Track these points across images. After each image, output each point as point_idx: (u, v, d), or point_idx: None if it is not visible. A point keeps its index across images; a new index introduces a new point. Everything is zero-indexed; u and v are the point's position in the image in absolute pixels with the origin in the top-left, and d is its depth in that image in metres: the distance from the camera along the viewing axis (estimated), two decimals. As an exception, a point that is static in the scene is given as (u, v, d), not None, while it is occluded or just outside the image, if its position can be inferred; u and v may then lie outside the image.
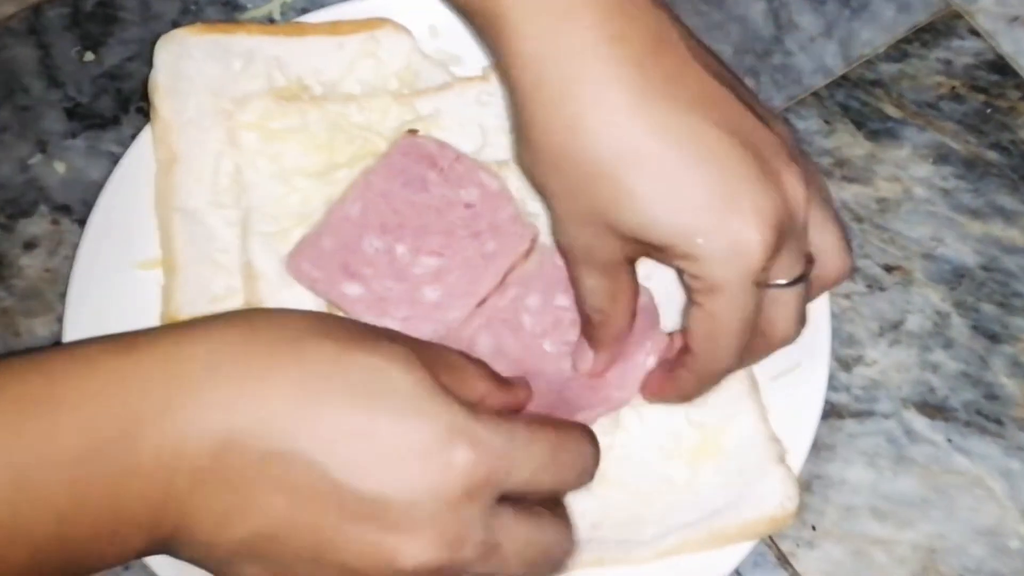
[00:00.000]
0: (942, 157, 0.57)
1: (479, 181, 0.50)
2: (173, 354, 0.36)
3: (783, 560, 0.50)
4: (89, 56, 0.59)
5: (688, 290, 0.41)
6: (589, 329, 0.46)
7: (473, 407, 0.38)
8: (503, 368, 0.47)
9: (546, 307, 0.48)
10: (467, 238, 0.49)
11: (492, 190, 0.50)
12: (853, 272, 0.47)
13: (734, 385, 0.48)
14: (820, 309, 0.50)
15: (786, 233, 0.40)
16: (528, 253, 0.49)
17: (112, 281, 0.51)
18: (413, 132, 0.52)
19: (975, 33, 0.60)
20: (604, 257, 0.42)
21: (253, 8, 0.60)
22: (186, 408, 0.35)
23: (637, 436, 0.48)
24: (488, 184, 0.50)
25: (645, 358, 0.48)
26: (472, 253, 0.49)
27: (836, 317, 0.52)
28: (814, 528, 0.50)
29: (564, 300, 0.48)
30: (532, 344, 0.48)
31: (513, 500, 0.38)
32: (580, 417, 0.46)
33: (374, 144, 0.52)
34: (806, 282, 0.42)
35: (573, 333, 0.48)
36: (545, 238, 0.50)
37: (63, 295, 0.51)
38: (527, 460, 0.38)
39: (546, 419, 0.40)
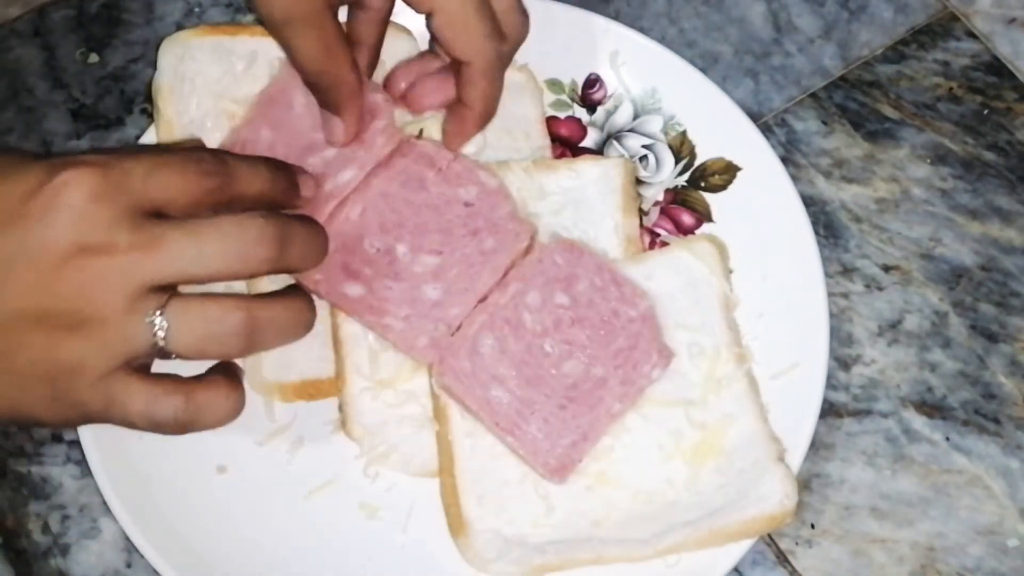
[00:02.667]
0: (940, 158, 0.57)
1: (477, 179, 0.50)
2: None
3: (782, 558, 0.50)
4: (93, 58, 0.59)
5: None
6: (324, 98, 0.48)
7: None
8: (505, 372, 0.47)
9: (546, 305, 0.48)
10: (466, 236, 0.49)
11: (490, 188, 0.50)
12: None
13: (734, 385, 0.49)
14: (818, 309, 0.51)
15: None
16: (527, 250, 0.50)
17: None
18: (419, 135, 0.52)
19: (972, 35, 0.60)
20: (304, 6, 0.45)
21: (256, 10, 0.60)
22: None
23: (638, 436, 0.48)
24: (486, 182, 0.50)
25: (651, 369, 0.48)
26: (471, 251, 0.49)
27: (835, 317, 0.53)
28: (813, 527, 0.50)
29: (563, 298, 0.49)
30: (533, 344, 0.48)
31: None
32: (585, 427, 0.47)
33: (375, 145, 0.52)
34: None
35: (574, 333, 0.48)
36: (544, 236, 0.51)
37: (67, 295, 0.51)
38: (138, 165, 0.40)
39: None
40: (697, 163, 0.55)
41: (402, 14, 0.56)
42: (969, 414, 0.52)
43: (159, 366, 0.42)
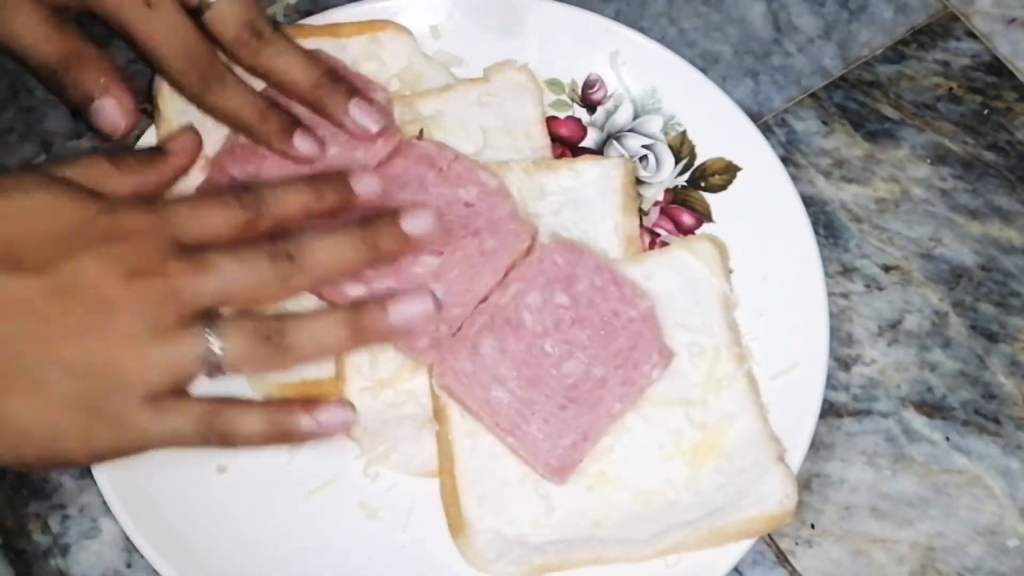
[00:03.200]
0: (940, 158, 0.57)
1: (478, 180, 0.50)
2: None
3: (782, 558, 0.50)
4: (93, 58, 0.59)
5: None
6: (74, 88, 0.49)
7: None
8: (506, 372, 0.47)
9: (546, 305, 0.48)
10: (466, 236, 0.49)
11: (491, 188, 0.50)
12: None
13: (734, 385, 0.49)
14: (818, 309, 0.51)
15: None
16: (528, 250, 0.50)
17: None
18: (419, 136, 0.52)
19: (972, 35, 0.60)
20: (32, 21, 0.47)
21: (256, 10, 0.60)
22: None
23: (638, 436, 0.48)
24: (487, 182, 0.50)
25: (651, 369, 0.48)
26: (472, 251, 0.49)
27: (835, 317, 0.53)
28: (813, 527, 0.50)
29: (563, 298, 0.49)
30: (533, 344, 0.48)
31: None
32: (585, 428, 0.47)
33: (375, 145, 0.52)
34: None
35: (574, 333, 0.48)
36: (544, 236, 0.51)
37: (67, 295, 0.51)
38: (181, 206, 0.43)
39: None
40: (697, 163, 0.55)
41: (402, 14, 0.56)
42: (969, 414, 0.52)
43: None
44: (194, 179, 0.52)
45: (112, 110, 0.49)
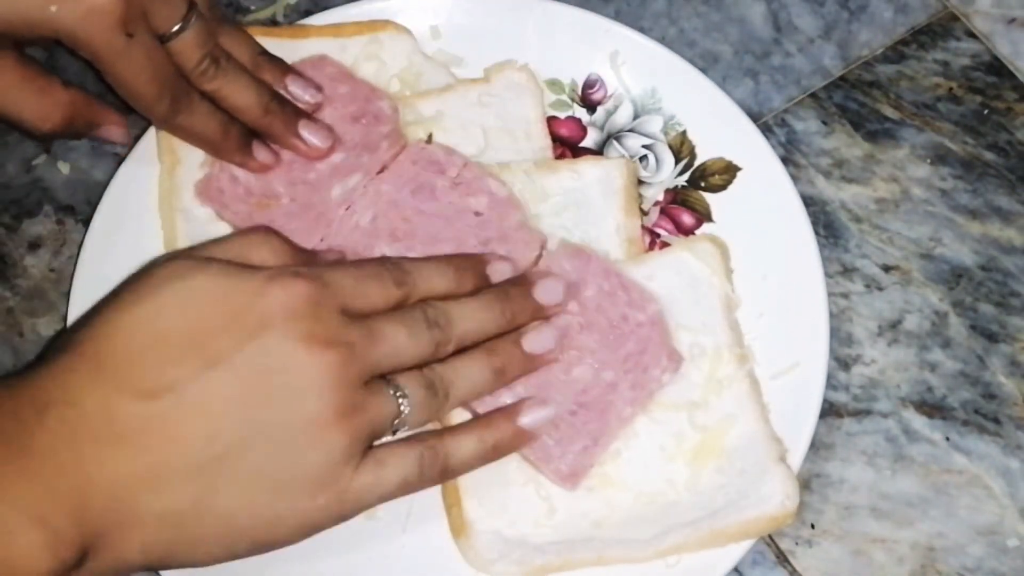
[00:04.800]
0: (940, 158, 0.57)
1: (487, 189, 0.50)
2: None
3: (782, 558, 0.50)
4: (93, 58, 0.59)
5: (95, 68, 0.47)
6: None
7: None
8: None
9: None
10: (477, 247, 0.49)
11: (500, 197, 0.50)
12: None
13: (735, 386, 0.49)
14: (818, 309, 0.51)
15: None
16: (538, 260, 0.49)
17: (115, 281, 0.51)
18: (428, 140, 0.52)
19: (972, 35, 0.60)
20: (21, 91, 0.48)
21: (256, 10, 0.60)
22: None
23: (643, 439, 0.48)
24: (496, 192, 0.50)
25: (661, 373, 0.48)
26: None
27: (835, 317, 0.53)
28: (813, 527, 0.50)
29: (572, 304, 0.48)
30: None
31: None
32: (595, 432, 0.47)
33: (376, 145, 0.52)
34: (198, 27, 0.47)
35: (582, 339, 0.48)
36: (552, 244, 0.50)
37: (67, 295, 0.51)
38: (343, 278, 0.43)
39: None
40: (697, 163, 0.55)
41: (402, 14, 0.56)
42: (969, 414, 0.52)
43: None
44: (195, 175, 0.52)
45: (113, 132, 0.52)
